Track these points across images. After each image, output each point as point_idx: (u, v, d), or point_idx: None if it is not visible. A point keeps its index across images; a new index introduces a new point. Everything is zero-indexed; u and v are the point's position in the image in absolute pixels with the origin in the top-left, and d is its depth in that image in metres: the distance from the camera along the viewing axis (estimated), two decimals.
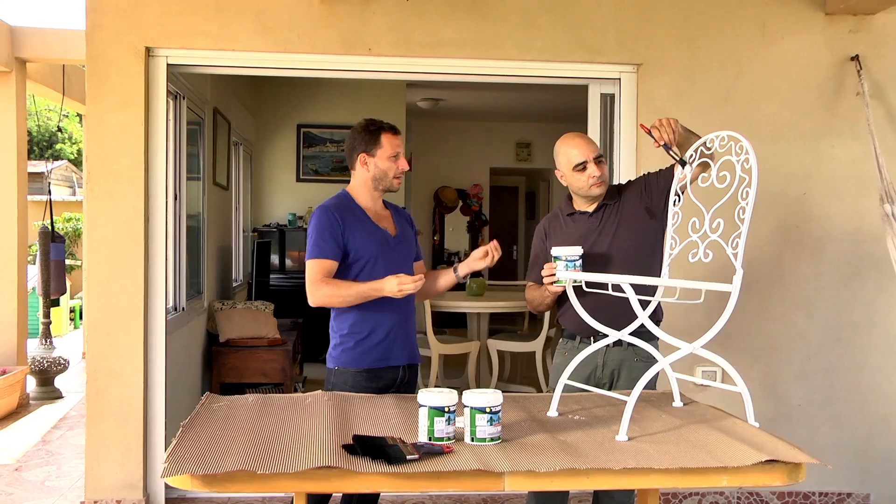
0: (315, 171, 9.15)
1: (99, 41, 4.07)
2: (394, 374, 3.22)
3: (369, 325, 3.17)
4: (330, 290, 3.09)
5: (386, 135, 3.16)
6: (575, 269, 2.97)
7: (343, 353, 3.19)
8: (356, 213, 3.18)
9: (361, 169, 3.19)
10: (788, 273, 4.43)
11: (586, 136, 3.29)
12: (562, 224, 3.34)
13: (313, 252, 3.11)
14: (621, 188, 3.35)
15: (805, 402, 4.48)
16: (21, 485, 4.70)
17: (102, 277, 4.10)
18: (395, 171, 3.18)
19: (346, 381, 3.14)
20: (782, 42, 4.40)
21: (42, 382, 6.90)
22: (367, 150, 3.16)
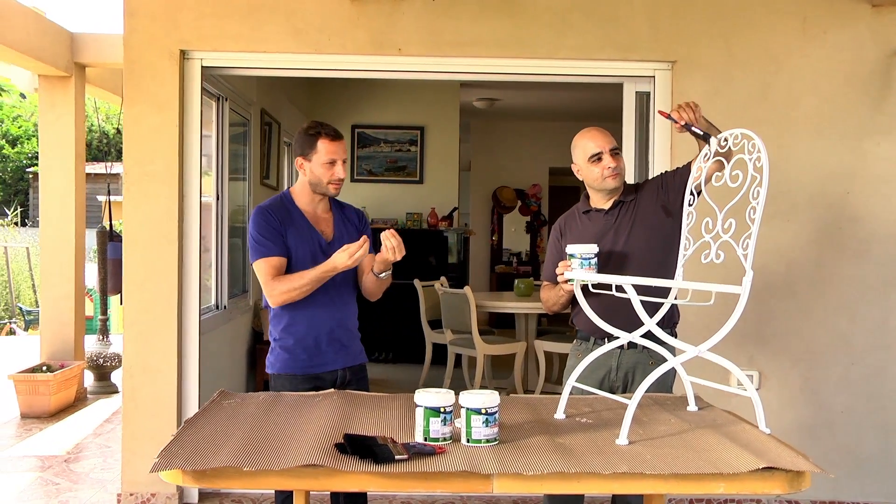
0: (369, 172, 9.23)
1: (136, 45, 4.18)
2: (331, 376, 3.19)
3: (300, 329, 3.15)
4: (285, 285, 3.05)
5: (323, 140, 3.09)
6: (590, 268, 2.93)
7: (277, 359, 3.18)
8: (293, 214, 3.15)
9: (300, 171, 3.16)
10: (830, 275, 4.29)
11: (603, 129, 3.23)
12: (578, 222, 3.31)
13: (259, 252, 3.09)
14: (638, 186, 3.30)
15: (848, 409, 4.33)
16: (67, 476, 4.85)
17: (138, 276, 4.21)
18: (330, 177, 3.11)
19: (284, 385, 3.13)
20: (825, 36, 4.26)
21: (99, 377, 7.12)
22: (304, 154, 3.12)
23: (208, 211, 5.08)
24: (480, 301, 6.83)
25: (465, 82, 8.54)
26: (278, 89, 7.07)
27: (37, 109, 22.38)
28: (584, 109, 10.77)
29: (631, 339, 2.73)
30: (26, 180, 23.14)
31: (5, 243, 14.27)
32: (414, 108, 9.22)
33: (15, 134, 23.52)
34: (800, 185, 4.25)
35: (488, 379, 7.14)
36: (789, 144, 4.24)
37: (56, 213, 6.69)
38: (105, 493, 4.51)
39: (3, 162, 23.10)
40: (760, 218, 2.42)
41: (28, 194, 23.23)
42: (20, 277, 13.97)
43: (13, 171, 23.12)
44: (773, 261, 4.24)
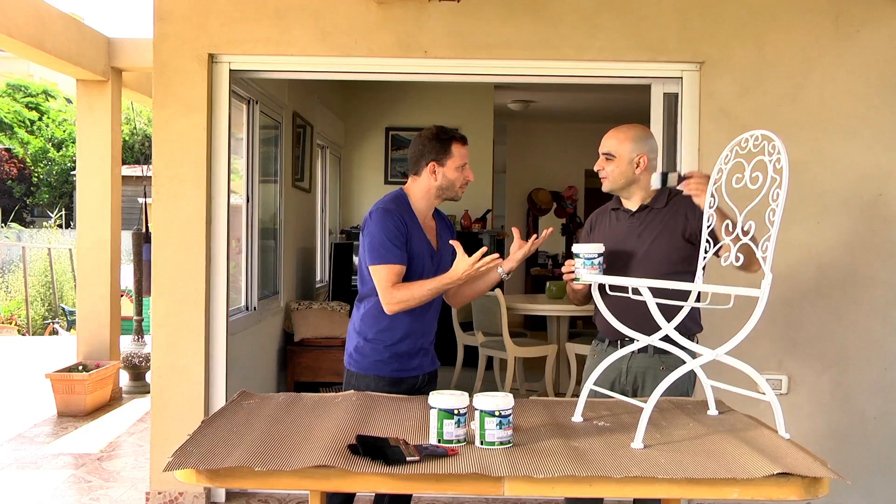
0: (403, 174, 9.24)
1: (165, 49, 4.23)
2: (413, 381, 3.21)
3: (397, 333, 3.14)
4: (405, 294, 3.04)
5: (456, 144, 3.12)
6: (593, 268, 2.91)
7: (364, 359, 3.17)
8: (413, 219, 3.14)
9: (428, 177, 3.14)
10: (863, 278, 4.21)
11: (619, 130, 3.18)
12: (607, 219, 3.30)
13: (383, 257, 3.05)
14: (673, 197, 3.20)
15: (882, 414, 4.25)
16: (99, 473, 4.93)
17: (167, 278, 4.26)
18: (462, 181, 3.15)
19: (368, 385, 3.13)
20: (858, 35, 4.19)
21: (134, 377, 7.22)
22: (438, 159, 3.11)
23: (238, 213, 5.13)
24: (512, 303, 6.82)
25: (499, 84, 8.52)
26: (311, 92, 7.12)
27: None
28: (620, 111, 10.68)
29: (649, 342, 2.71)
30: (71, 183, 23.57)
31: (49, 245, 14.55)
32: (447, 110, 9.22)
33: (60, 137, 23.98)
34: (832, 187, 4.18)
35: (520, 381, 7.12)
36: (821, 146, 4.17)
37: (93, 216, 6.80)
38: (135, 492, 4.58)
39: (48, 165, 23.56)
40: (780, 220, 2.38)
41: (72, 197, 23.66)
42: (63, 278, 14.22)
43: (58, 173, 23.57)
44: (805, 264, 4.18)
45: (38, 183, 23.67)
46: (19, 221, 22.02)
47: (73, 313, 13.11)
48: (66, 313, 13.29)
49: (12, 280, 14.45)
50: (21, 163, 23.16)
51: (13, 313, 13.21)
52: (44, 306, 13.47)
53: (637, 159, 3.13)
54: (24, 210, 23.60)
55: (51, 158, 23.60)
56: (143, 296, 7.17)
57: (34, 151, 23.45)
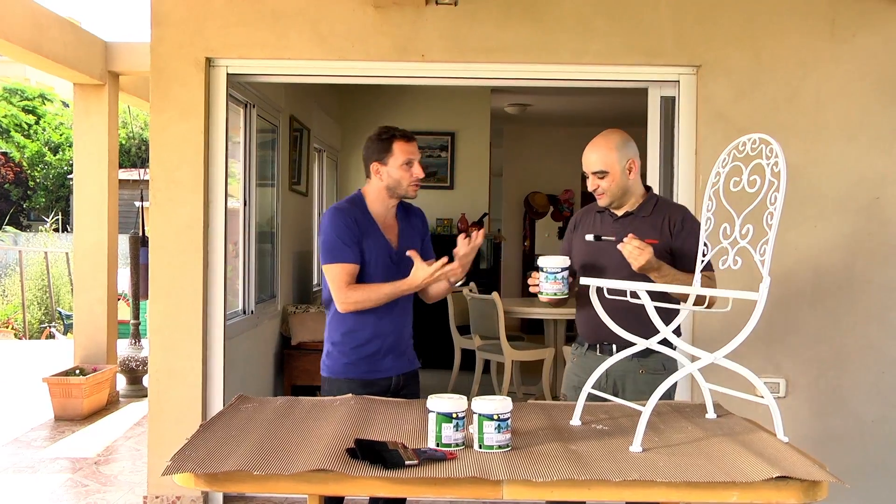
0: None
1: (162, 53, 4.24)
2: (386, 382, 3.20)
3: (362, 334, 3.15)
4: (360, 295, 3.07)
5: (398, 142, 3.12)
6: (556, 282, 2.91)
7: (335, 363, 3.19)
8: (369, 219, 3.15)
9: (375, 178, 3.16)
10: (859, 282, 4.22)
11: (599, 145, 3.12)
12: (591, 219, 3.28)
13: (335, 256, 3.08)
14: (659, 206, 3.19)
15: (880, 418, 4.25)
16: (96, 477, 4.92)
17: (164, 282, 4.26)
18: (409, 178, 3.13)
19: (341, 389, 3.12)
20: (854, 39, 4.20)
21: (131, 381, 7.22)
22: (380, 159, 3.13)
23: (236, 217, 5.13)
24: (509, 307, 6.82)
25: (496, 88, 8.53)
26: (308, 96, 7.12)
27: None
28: (616, 114, 10.71)
29: (648, 345, 2.71)
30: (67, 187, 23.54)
31: (45, 249, 14.52)
32: (444, 114, 9.23)
33: (57, 141, 23.96)
34: (828, 190, 4.19)
35: (517, 385, 7.12)
36: (818, 150, 4.18)
37: (90, 220, 6.80)
38: (133, 496, 4.57)
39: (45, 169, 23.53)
40: (778, 224, 2.38)
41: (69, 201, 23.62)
42: (60, 282, 14.19)
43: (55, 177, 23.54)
44: (802, 267, 4.18)
45: (34, 187, 23.65)
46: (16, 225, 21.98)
47: (70, 317, 13.09)
48: (62, 317, 13.27)
49: (9, 284, 14.43)
50: (17, 166, 23.14)
51: (10, 317, 13.18)
52: (40, 310, 13.44)
53: (628, 165, 3.11)
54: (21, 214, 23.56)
55: (47, 162, 23.58)
56: (141, 299, 7.15)
57: (31, 155, 23.43)
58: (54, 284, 13.82)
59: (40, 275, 13.64)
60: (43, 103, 24.89)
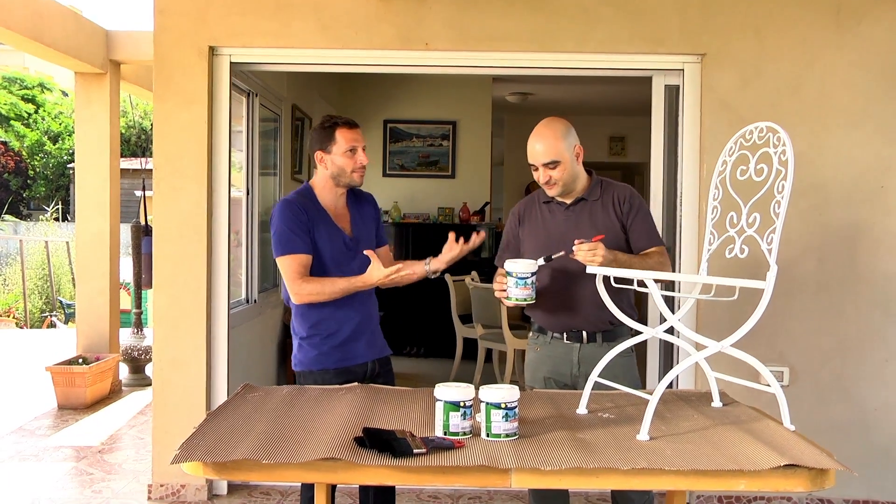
0: (401, 166, 9.23)
1: (165, 42, 4.22)
2: (361, 369, 3.20)
3: (330, 325, 3.15)
4: (314, 288, 3.06)
5: (341, 130, 3.11)
6: (526, 287, 2.89)
7: (306, 356, 3.18)
8: (319, 209, 3.14)
9: (320, 166, 3.15)
10: (863, 270, 4.22)
11: (546, 135, 3.08)
12: (538, 212, 3.23)
13: (286, 248, 3.08)
14: (605, 187, 3.18)
15: (883, 406, 4.26)
16: (100, 466, 4.93)
17: (168, 271, 4.26)
18: (353, 165, 3.12)
19: (315, 381, 3.13)
20: (859, 28, 4.19)
21: (134, 370, 7.22)
22: (323, 148, 3.12)
23: (238, 206, 5.12)
24: None
25: (497, 77, 8.51)
26: (309, 85, 7.10)
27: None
28: (616, 104, 10.69)
29: (654, 334, 2.72)
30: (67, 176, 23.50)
31: (46, 238, 14.52)
32: (446, 103, 9.21)
33: (56, 130, 23.92)
34: (833, 179, 4.19)
35: (518, 374, 7.11)
36: (822, 138, 4.17)
37: (91, 209, 6.79)
38: (137, 484, 4.58)
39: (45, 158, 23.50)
40: (785, 212, 2.38)
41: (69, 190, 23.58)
42: (60, 271, 14.20)
43: (55, 167, 23.51)
44: (805, 256, 4.18)
45: (34, 176, 23.62)
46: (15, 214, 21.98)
47: (71, 306, 13.10)
48: (63, 306, 13.28)
49: (9, 273, 14.43)
50: (17, 156, 23.11)
51: (11, 306, 13.19)
52: (41, 299, 13.45)
53: (576, 151, 3.10)
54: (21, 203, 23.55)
55: (47, 151, 23.54)
56: (143, 288, 7.15)
57: (30, 144, 23.40)
58: (55, 273, 13.82)
59: (41, 264, 13.64)
60: (42, 92, 24.83)
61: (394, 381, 3.31)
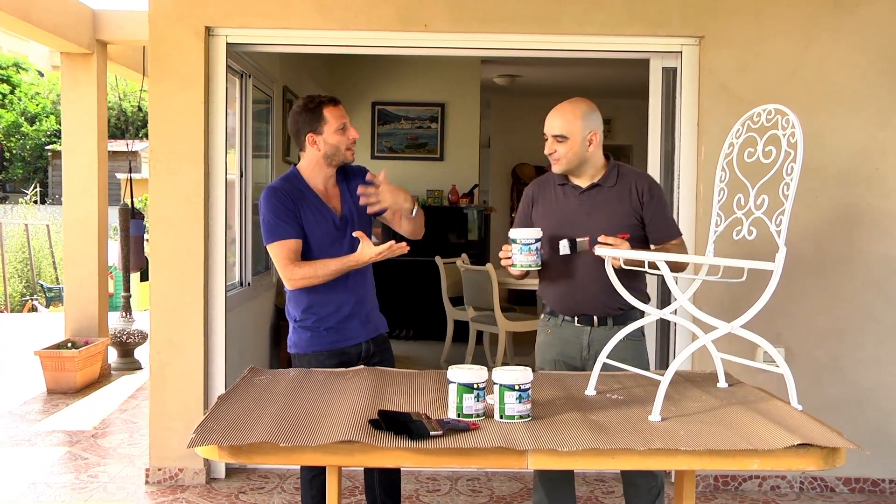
0: (390, 149, 9.20)
1: (161, 22, 4.17)
2: (356, 350, 3.20)
3: (322, 308, 3.14)
4: (307, 272, 3.05)
5: (328, 108, 3.08)
6: (530, 253, 2.90)
7: (300, 339, 3.18)
8: (306, 194, 3.12)
9: (311, 149, 3.11)
10: (859, 252, 4.25)
11: (565, 110, 3.07)
12: (552, 193, 3.20)
13: (275, 234, 3.06)
14: (623, 174, 3.15)
15: (877, 386, 4.31)
16: (95, 450, 4.91)
17: (165, 254, 4.23)
18: (346, 142, 3.11)
19: (310, 363, 3.13)
20: (857, 10, 4.20)
21: (123, 354, 7.17)
22: (314, 129, 3.08)
23: (232, 188, 5.09)
24: (502, 278, 6.83)
25: (486, 59, 8.48)
26: (300, 66, 7.05)
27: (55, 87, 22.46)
28: (604, 86, 10.69)
29: (662, 315, 2.73)
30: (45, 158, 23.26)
31: (26, 221, 14.37)
32: (435, 85, 9.18)
33: (33, 112, 23.63)
34: (830, 161, 4.21)
35: (509, 356, 7.14)
36: (820, 121, 4.19)
37: (79, 191, 6.71)
38: (133, 468, 4.56)
39: (22, 140, 23.23)
40: (794, 194, 2.40)
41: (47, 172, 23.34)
42: (40, 255, 14.08)
43: (32, 148, 23.25)
44: (802, 238, 4.21)
45: (11, 158, 23.34)
46: None
47: (52, 290, 12.99)
48: (44, 290, 13.16)
49: None
50: None
51: None
52: (21, 283, 13.32)
53: (589, 136, 3.06)
54: None
55: (24, 133, 23.26)
56: (131, 272, 7.10)
57: (6, 126, 23.12)
58: (35, 257, 13.69)
59: (20, 247, 13.51)
60: (17, 72, 24.50)
61: (392, 360, 3.32)
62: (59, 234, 13.62)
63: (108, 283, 7.03)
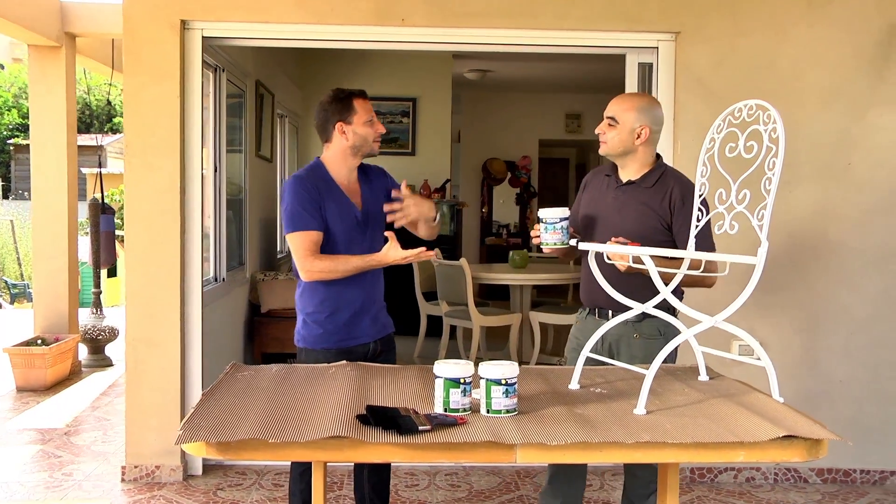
0: None
1: (135, 15, 4.12)
2: (363, 349, 3.21)
3: (335, 304, 3.14)
4: (325, 264, 3.05)
5: (358, 100, 3.11)
6: (556, 232, 2.94)
7: (310, 333, 3.18)
8: (330, 185, 3.13)
9: (340, 139, 3.12)
10: (832, 245, 4.32)
11: (626, 98, 3.19)
12: (600, 181, 3.29)
13: (297, 224, 3.06)
14: (664, 178, 3.16)
15: (848, 378, 4.38)
16: (69, 448, 4.85)
17: (140, 249, 4.18)
18: (373, 135, 3.14)
19: (317, 359, 3.12)
20: (830, 6, 4.25)
21: (93, 350, 7.09)
22: (344, 119, 3.10)
23: (206, 183, 5.04)
24: (475, 273, 6.85)
25: (458, 53, 8.48)
26: (272, 61, 7.00)
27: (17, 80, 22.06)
28: (574, 81, 10.74)
29: (644, 309, 2.75)
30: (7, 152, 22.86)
31: None
32: (406, 80, 9.16)
33: None
34: (805, 156, 4.26)
35: (483, 350, 7.16)
36: (795, 116, 4.24)
37: (48, 186, 6.61)
38: (108, 466, 4.51)
39: None
40: (776, 189, 2.42)
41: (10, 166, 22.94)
42: (4, 251, 13.86)
43: None
44: (776, 231, 4.18)
45: None
46: None
47: (17, 286, 12.80)
48: (8, 286, 12.96)
49: None
50: None
51: None
52: None
53: (639, 130, 3.09)
54: None
55: None
56: (101, 267, 7.01)
57: None
58: None
59: None
60: None
61: (395, 359, 3.32)
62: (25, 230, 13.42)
63: (77, 279, 6.94)
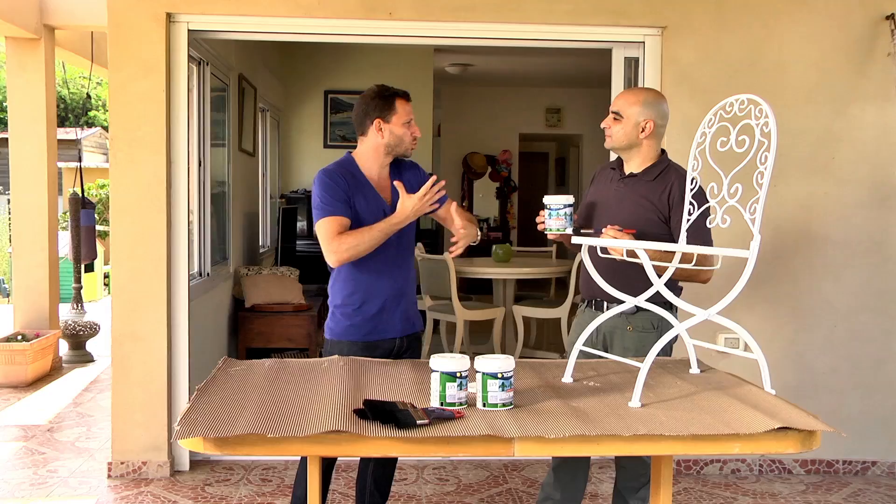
0: (342, 137, 9.15)
1: (120, 7, 4.08)
2: (389, 344, 3.21)
3: (364, 296, 3.15)
4: (350, 240, 3.02)
5: (400, 101, 3.12)
6: (559, 218, 2.95)
7: (337, 325, 3.18)
8: (360, 179, 3.14)
9: (375, 135, 3.13)
10: (816, 239, 4.36)
11: (631, 92, 3.25)
12: (606, 174, 3.33)
13: (325, 211, 3.06)
14: (666, 172, 3.18)
15: (831, 370, 4.43)
16: (53, 445, 4.81)
17: (126, 244, 4.15)
18: (410, 137, 3.15)
19: (342, 351, 3.12)
20: (813, 2, 4.29)
21: (74, 346, 7.03)
22: (383, 116, 3.10)
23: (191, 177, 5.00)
24: (458, 267, 6.85)
25: (439, 47, 8.47)
26: (255, 54, 6.96)
27: None
28: (556, 75, 10.77)
29: (636, 302, 2.76)
30: None
31: None
32: (387, 74, 9.08)
33: None
34: (789, 151, 4.29)
35: (466, 344, 7.17)
36: (779, 111, 4.16)
37: (28, 181, 6.55)
38: (93, 462, 4.48)
39: None
40: (769, 183, 2.44)
41: None
42: None
43: None
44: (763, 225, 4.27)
45: None
46: None
47: None
48: None
49: None
50: None
51: None
52: None
53: (644, 124, 3.13)
54: None
55: None
56: (82, 262, 6.95)
57: None
58: None
59: None
60: None
61: (420, 357, 3.31)
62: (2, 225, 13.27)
63: (58, 274, 6.87)
